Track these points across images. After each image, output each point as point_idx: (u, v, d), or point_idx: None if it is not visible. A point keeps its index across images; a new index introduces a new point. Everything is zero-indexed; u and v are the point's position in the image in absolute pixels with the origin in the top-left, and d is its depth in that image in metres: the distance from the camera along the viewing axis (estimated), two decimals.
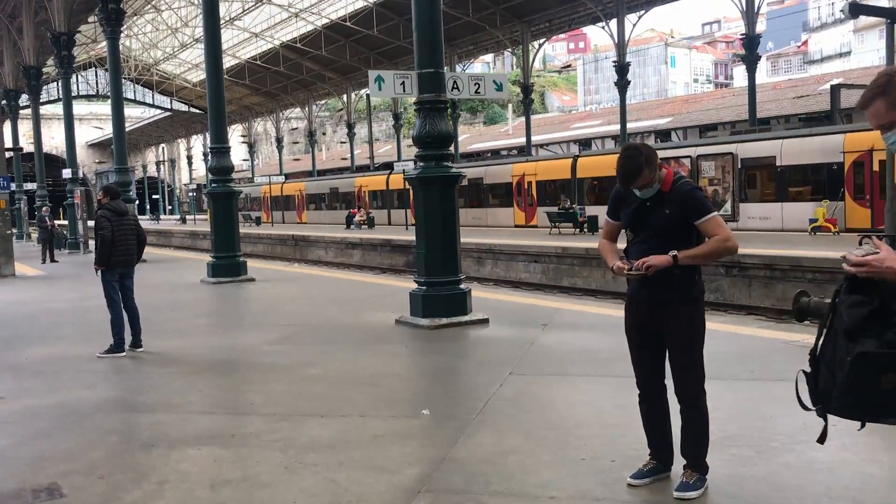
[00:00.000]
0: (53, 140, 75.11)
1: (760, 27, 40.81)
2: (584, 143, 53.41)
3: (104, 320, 7.92)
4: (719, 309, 13.75)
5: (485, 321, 8.83)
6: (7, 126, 36.68)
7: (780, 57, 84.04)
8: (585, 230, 24.67)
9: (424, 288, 8.81)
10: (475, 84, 9.17)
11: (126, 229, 7.87)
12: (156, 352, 7.88)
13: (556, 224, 25.47)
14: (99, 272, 7.89)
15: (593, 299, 12.00)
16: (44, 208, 23.42)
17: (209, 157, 14.81)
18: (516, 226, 30.56)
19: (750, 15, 29.49)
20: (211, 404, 5.81)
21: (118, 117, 19.86)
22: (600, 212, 25.82)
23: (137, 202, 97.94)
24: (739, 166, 21.52)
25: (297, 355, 7.44)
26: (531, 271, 21.52)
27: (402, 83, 8.69)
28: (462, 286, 8.94)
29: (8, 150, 21.45)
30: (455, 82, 9.02)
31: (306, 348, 7.83)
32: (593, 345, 7.47)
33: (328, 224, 42.85)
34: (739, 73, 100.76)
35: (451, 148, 9.39)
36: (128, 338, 7.91)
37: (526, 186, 30.26)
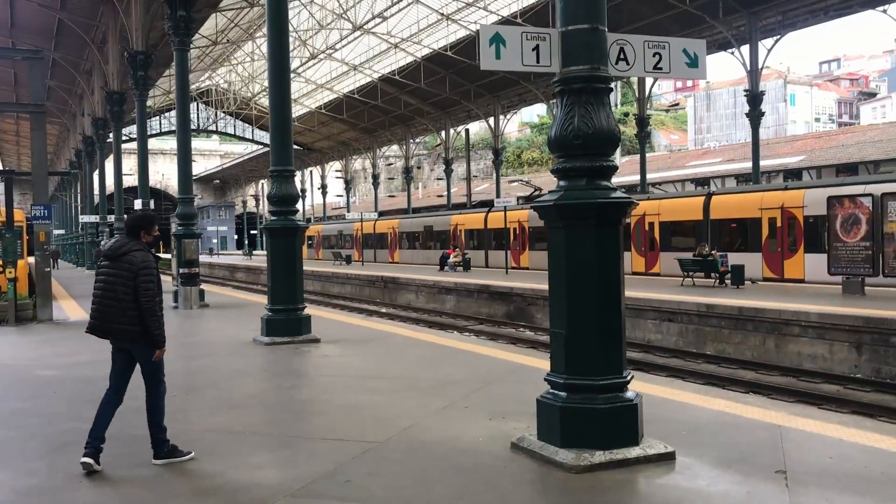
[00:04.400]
0: (156, 174, 75.90)
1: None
2: (702, 182, 48.99)
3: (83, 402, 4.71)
4: None
5: (668, 457, 5.09)
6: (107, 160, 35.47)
7: None
8: (727, 283, 20.37)
9: (564, 395, 5.12)
10: (655, 54, 5.52)
11: (101, 280, 5.00)
12: (127, 479, 4.54)
13: (690, 274, 21.27)
14: None
15: (831, 412, 7.95)
16: (102, 243, 21.12)
17: (267, 184, 11.71)
18: (633, 272, 26.40)
19: None
20: None
21: (184, 138, 17.18)
22: (741, 259, 21.53)
23: (236, 238, 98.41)
24: None
25: None
26: (664, 332, 17.47)
27: (536, 48, 5.17)
28: (629, 394, 5.21)
29: (52, 173, 19.14)
30: (622, 50, 5.41)
31: None
32: None
33: (421, 264, 39.76)
34: (866, 112, 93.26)
35: (616, 156, 5.78)
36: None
37: (647, 228, 26.15)
